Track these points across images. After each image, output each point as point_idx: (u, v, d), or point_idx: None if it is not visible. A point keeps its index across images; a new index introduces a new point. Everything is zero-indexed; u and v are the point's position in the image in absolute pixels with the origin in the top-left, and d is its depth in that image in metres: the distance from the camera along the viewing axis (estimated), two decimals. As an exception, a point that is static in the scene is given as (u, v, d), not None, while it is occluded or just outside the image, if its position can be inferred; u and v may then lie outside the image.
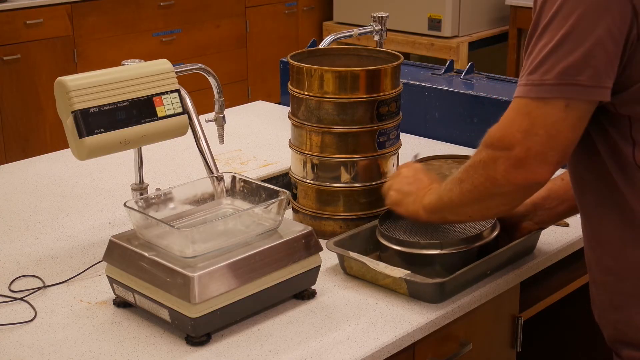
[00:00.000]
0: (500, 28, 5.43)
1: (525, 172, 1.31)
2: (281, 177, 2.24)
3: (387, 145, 1.82)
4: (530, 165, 1.31)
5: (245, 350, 1.42)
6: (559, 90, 1.27)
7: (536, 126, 1.29)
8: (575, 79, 1.26)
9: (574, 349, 2.18)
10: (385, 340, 1.45)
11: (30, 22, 4.51)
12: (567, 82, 1.27)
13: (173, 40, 5.20)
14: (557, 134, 1.29)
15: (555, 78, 1.27)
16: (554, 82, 1.27)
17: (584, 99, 1.28)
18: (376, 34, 2.55)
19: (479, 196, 1.41)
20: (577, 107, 1.28)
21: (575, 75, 1.26)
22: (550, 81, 1.27)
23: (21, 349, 1.43)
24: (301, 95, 1.79)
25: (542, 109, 1.29)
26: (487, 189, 1.38)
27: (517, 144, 1.30)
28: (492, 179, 1.36)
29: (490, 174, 1.36)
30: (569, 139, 1.30)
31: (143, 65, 1.73)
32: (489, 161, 1.36)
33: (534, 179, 1.32)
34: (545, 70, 1.28)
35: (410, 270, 1.56)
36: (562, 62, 1.27)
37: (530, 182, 1.33)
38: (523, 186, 1.34)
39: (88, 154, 1.62)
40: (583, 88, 1.27)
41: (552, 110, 1.28)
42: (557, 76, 1.27)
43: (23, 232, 1.89)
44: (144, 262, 1.47)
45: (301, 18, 5.85)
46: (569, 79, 1.26)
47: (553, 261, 1.79)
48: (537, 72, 1.29)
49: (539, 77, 1.28)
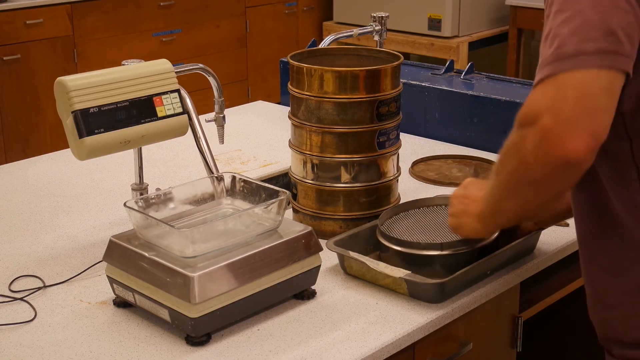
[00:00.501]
0: (500, 28, 5.43)
1: (556, 145, 1.15)
2: (281, 177, 2.24)
3: (387, 145, 1.82)
4: (560, 136, 1.14)
5: (245, 350, 1.42)
6: (599, 59, 1.14)
7: (564, 88, 1.15)
8: (617, 47, 1.15)
9: (574, 349, 2.18)
10: (385, 340, 1.45)
11: (30, 22, 4.51)
12: (608, 49, 1.14)
13: (173, 40, 5.20)
14: (588, 94, 1.14)
15: (593, 47, 1.15)
16: (592, 51, 1.15)
17: (620, 68, 1.16)
18: (376, 34, 2.55)
19: (515, 186, 1.27)
20: (610, 74, 1.15)
21: (617, 42, 1.15)
22: (590, 49, 1.15)
23: (21, 349, 1.43)
24: (301, 95, 1.79)
25: (571, 75, 1.15)
26: (521, 175, 1.23)
27: (544, 112, 1.16)
28: (523, 162, 1.21)
29: (521, 155, 1.20)
30: (602, 103, 1.15)
31: (143, 65, 1.73)
32: (518, 141, 1.21)
33: (566, 154, 1.15)
34: (580, 40, 1.15)
35: (410, 271, 1.56)
36: (599, 29, 1.15)
37: (562, 158, 1.15)
38: (555, 165, 1.17)
39: (88, 154, 1.62)
40: (622, 58, 1.16)
41: (583, 74, 1.15)
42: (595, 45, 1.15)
43: (23, 232, 1.89)
44: (144, 262, 1.47)
45: (301, 18, 5.85)
46: (610, 46, 1.15)
47: (553, 261, 1.79)
48: (570, 43, 1.16)
49: (574, 46, 1.15)
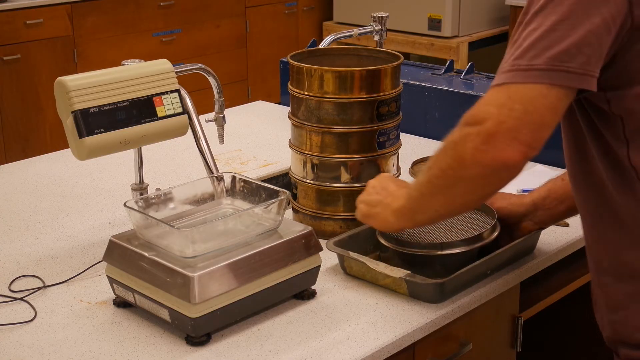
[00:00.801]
0: (500, 28, 5.43)
1: (494, 149, 1.22)
2: (281, 177, 2.24)
3: (387, 145, 1.82)
4: (500, 141, 1.21)
5: (245, 350, 1.42)
6: (548, 76, 1.22)
7: (513, 100, 1.22)
8: (566, 65, 1.21)
9: (574, 349, 2.18)
10: (385, 340, 1.45)
11: (30, 22, 4.51)
12: (557, 68, 1.21)
13: (173, 40, 5.20)
14: (534, 111, 1.21)
15: (545, 63, 1.22)
16: (543, 67, 1.22)
17: (572, 86, 1.23)
18: (376, 34, 2.55)
19: (445, 183, 1.31)
20: (560, 92, 1.23)
21: (567, 61, 1.21)
22: (539, 66, 1.22)
23: (21, 349, 1.43)
24: (301, 95, 1.79)
25: (523, 89, 1.23)
26: (454, 172, 1.28)
27: (489, 118, 1.22)
28: (459, 159, 1.26)
29: (459, 152, 1.26)
30: (545, 119, 1.22)
31: (143, 65, 1.73)
32: (459, 140, 1.27)
33: (502, 158, 1.22)
34: (534, 55, 1.22)
35: (410, 271, 1.56)
36: (553, 47, 1.22)
37: (498, 162, 1.22)
38: (491, 168, 1.23)
39: (88, 154, 1.62)
40: (573, 75, 1.22)
41: (533, 89, 1.22)
42: (547, 61, 1.22)
43: (23, 232, 1.89)
44: (144, 262, 1.47)
45: (301, 18, 5.85)
46: (559, 65, 1.21)
47: (553, 261, 1.79)
48: (525, 57, 1.23)
49: (527, 61, 1.23)
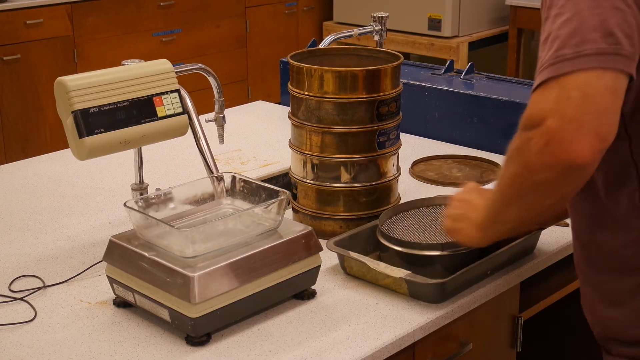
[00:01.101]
0: (500, 28, 5.43)
1: (561, 148, 1.12)
2: (281, 177, 2.24)
3: (387, 145, 1.82)
4: (566, 138, 1.11)
5: (245, 350, 1.42)
6: (600, 60, 1.12)
7: (568, 89, 1.12)
8: (616, 48, 1.13)
9: (574, 349, 2.18)
10: (385, 340, 1.45)
11: (30, 22, 4.51)
12: (608, 51, 1.13)
13: (173, 40, 5.20)
14: (593, 95, 1.12)
15: (594, 47, 1.13)
16: (592, 52, 1.13)
17: (622, 69, 1.14)
18: (376, 34, 2.55)
19: (519, 190, 1.23)
20: (613, 75, 1.13)
21: (616, 43, 1.13)
22: (589, 50, 1.13)
23: (21, 349, 1.43)
24: (301, 95, 1.79)
25: (574, 77, 1.13)
26: (524, 180, 1.20)
27: (548, 114, 1.13)
28: (526, 166, 1.18)
29: (524, 159, 1.18)
30: (607, 103, 1.12)
31: (143, 65, 1.73)
32: (522, 145, 1.18)
33: (572, 156, 1.12)
34: (578, 42, 1.14)
35: (410, 271, 1.56)
36: (598, 30, 1.14)
37: (568, 161, 1.12)
38: (561, 168, 1.14)
39: (88, 154, 1.62)
40: (623, 58, 1.14)
41: (587, 75, 1.13)
42: (596, 44, 1.13)
43: (23, 232, 1.89)
44: (144, 262, 1.47)
45: (301, 18, 5.85)
46: (608, 48, 1.13)
47: (553, 261, 1.79)
48: (568, 46, 1.14)
49: (572, 49, 1.14)
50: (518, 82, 2.51)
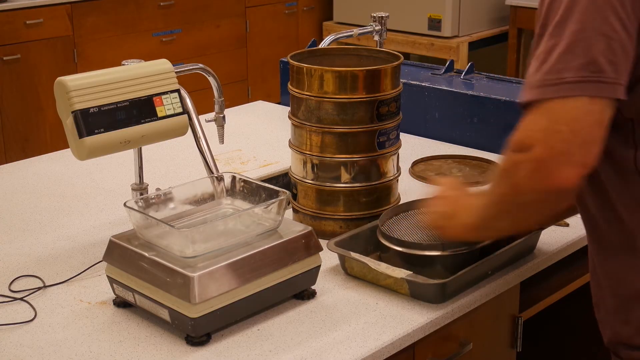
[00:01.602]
0: (500, 28, 5.43)
1: (548, 175, 1.20)
2: (281, 177, 2.24)
3: (387, 145, 1.82)
4: (553, 167, 1.19)
5: (245, 350, 1.42)
6: (581, 88, 1.19)
7: (557, 122, 1.19)
8: (597, 76, 1.19)
9: (574, 349, 2.18)
10: (385, 340, 1.45)
11: (30, 22, 4.51)
12: (589, 78, 1.19)
13: (173, 40, 5.20)
14: (581, 129, 1.18)
15: (575, 75, 1.19)
16: (574, 80, 1.19)
17: (606, 96, 1.20)
18: (376, 34, 2.55)
19: (507, 208, 1.32)
20: (600, 103, 1.20)
21: (598, 71, 1.19)
22: (570, 78, 1.19)
23: (21, 349, 1.43)
24: (301, 95, 1.79)
25: (563, 105, 1.20)
26: (513, 199, 1.28)
27: (537, 143, 1.20)
28: (515, 187, 1.26)
29: (513, 180, 1.25)
30: (593, 135, 1.19)
31: (143, 65, 1.73)
32: (511, 167, 1.26)
33: (558, 183, 1.20)
34: (562, 68, 1.20)
35: (411, 271, 1.56)
36: (581, 58, 1.19)
37: (555, 187, 1.20)
38: (548, 192, 1.22)
39: (88, 154, 1.62)
40: (606, 85, 1.19)
41: (574, 105, 1.19)
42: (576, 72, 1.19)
43: (23, 232, 1.89)
44: (144, 262, 1.47)
45: (301, 18, 5.85)
46: (590, 75, 1.19)
47: (553, 261, 1.79)
48: (554, 70, 1.21)
49: (557, 75, 1.20)
50: (518, 82, 2.51)
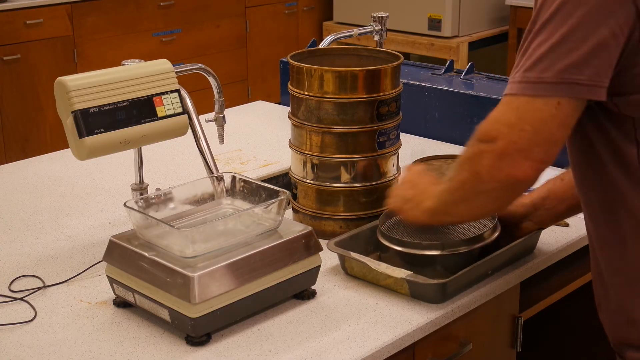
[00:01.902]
0: (500, 28, 5.43)
1: (508, 167, 1.28)
2: (281, 177, 2.24)
3: (387, 145, 1.82)
4: (514, 161, 1.27)
5: (245, 350, 1.42)
6: (557, 89, 1.25)
7: (523, 121, 1.27)
8: (576, 77, 1.24)
9: (574, 349, 2.18)
10: (385, 340, 1.45)
11: (30, 22, 4.51)
12: (567, 80, 1.24)
13: (173, 40, 5.20)
14: (543, 130, 1.27)
15: (554, 76, 1.25)
16: (552, 80, 1.25)
17: (581, 97, 1.26)
18: (376, 34, 2.55)
19: (466, 194, 1.38)
20: (569, 105, 1.26)
21: (576, 74, 1.24)
22: (548, 79, 1.25)
23: (21, 349, 1.43)
24: (301, 95, 1.79)
25: (532, 105, 1.27)
26: (473, 186, 1.35)
27: (501, 137, 1.28)
28: (476, 174, 1.33)
29: (475, 168, 1.33)
30: (555, 137, 1.28)
31: (143, 65, 1.73)
32: (474, 155, 1.33)
33: (517, 175, 1.28)
34: (544, 68, 1.26)
35: (410, 271, 1.56)
36: (562, 60, 1.24)
37: (513, 178, 1.29)
38: (506, 183, 1.30)
39: (88, 154, 1.62)
40: (582, 87, 1.25)
41: (542, 107, 1.26)
42: (556, 74, 1.25)
43: (23, 232, 1.89)
44: (144, 262, 1.47)
45: (301, 18, 5.85)
46: (568, 77, 1.24)
47: (553, 261, 1.79)
48: (535, 70, 1.26)
49: (537, 74, 1.26)
50: (518, 82, 2.51)
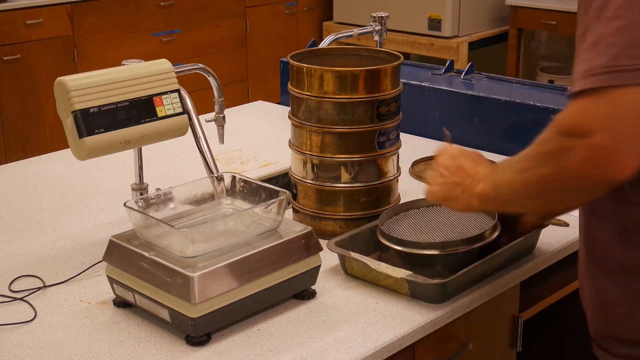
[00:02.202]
0: (500, 28, 5.43)
1: (608, 164, 1.12)
2: (281, 177, 2.24)
3: (387, 145, 1.82)
4: (615, 156, 1.11)
5: (245, 350, 1.42)
6: None
7: (621, 108, 1.10)
8: None
9: (574, 349, 2.18)
10: (385, 340, 1.45)
11: (30, 22, 4.51)
12: None
13: (173, 40, 5.20)
14: None
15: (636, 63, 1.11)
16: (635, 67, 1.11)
17: None
18: (376, 34, 2.55)
19: (547, 189, 1.23)
20: None
21: None
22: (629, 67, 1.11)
23: (21, 349, 1.43)
24: (301, 95, 1.79)
25: (625, 92, 1.11)
26: (558, 182, 1.20)
27: (598, 130, 1.11)
28: (564, 171, 1.17)
29: (564, 164, 1.16)
30: None
31: (143, 65, 1.73)
32: (562, 151, 1.16)
33: (616, 174, 1.12)
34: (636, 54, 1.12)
35: (411, 271, 1.56)
36: None
37: (610, 178, 1.13)
38: (601, 182, 1.15)
39: (88, 154, 1.62)
40: None
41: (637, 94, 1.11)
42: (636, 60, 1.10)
43: (23, 232, 1.89)
44: (144, 262, 1.47)
45: (301, 18, 5.85)
46: None
47: (553, 261, 1.79)
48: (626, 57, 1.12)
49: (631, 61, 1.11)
50: (518, 82, 2.51)
